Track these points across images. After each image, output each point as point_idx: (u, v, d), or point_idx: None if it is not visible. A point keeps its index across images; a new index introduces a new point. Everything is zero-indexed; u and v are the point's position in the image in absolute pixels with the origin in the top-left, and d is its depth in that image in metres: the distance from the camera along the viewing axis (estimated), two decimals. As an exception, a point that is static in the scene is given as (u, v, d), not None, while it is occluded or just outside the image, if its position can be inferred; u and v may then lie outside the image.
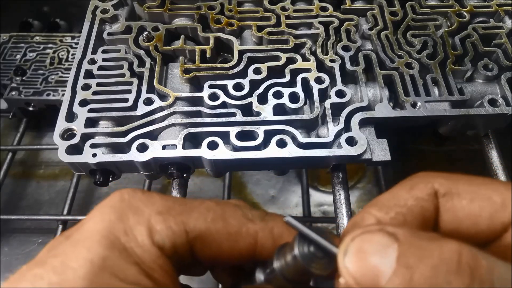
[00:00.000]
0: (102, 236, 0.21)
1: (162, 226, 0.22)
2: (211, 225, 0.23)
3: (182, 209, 0.23)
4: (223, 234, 0.23)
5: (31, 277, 0.19)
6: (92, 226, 0.21)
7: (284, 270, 0.21)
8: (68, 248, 0.20)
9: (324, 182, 0.65)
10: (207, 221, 0.23)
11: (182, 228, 0.22)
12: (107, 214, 0.22)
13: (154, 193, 0.24)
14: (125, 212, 0.22)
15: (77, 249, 0.20)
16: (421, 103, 0.36)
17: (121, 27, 0.42)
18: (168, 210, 0.23)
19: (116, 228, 0.21)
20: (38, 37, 0.66)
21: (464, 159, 0.63)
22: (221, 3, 0.44)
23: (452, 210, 0.21)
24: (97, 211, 0.22)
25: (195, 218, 0.23)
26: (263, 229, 0.24)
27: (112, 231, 0.21)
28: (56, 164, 0.67)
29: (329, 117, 0.35)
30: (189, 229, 0.23)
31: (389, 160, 0.34)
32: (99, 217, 0.22)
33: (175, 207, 0.23)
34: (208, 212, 0.23)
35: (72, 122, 0.36)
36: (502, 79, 0.38)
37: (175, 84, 0.39)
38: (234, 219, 0.24)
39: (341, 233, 0.24)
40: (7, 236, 0.59)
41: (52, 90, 0.59)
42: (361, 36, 0.42)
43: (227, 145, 0.34)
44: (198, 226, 0.23)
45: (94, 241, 0.20)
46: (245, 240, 0.23)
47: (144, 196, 0.23)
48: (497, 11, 0.43)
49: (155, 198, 0.23)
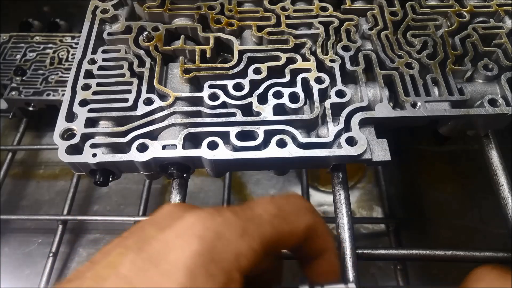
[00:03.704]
0: (188, 267, 0.21)
1: (246, 250, 0.23)
2: (279, 231, 0.24)
3: (255, 226, 0.24)
4: (287, 233, 0.25)
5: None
6: (179, 257, 0.21)
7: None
8: (156, 277, 0.21)
9: (324, 182, 0.65)
10: (275, 228, 0.24)
11: (260, 245, 0.23)
12: (195, 245, 0.22)
13: (227, 213, 0.24)
14: (212, 241, 0.22)
15: (165, 280, 0.21)
16: (421, 103, 0.36)
17: (121, 27, 0.42)
18: (246, 230, 0.23)
19: (204, 259, 0.21)
20: (38, 37, 0.66)
21: (464, 159, 0.63)
22: (221, 3, 0.44)
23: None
24: (181, 240, 0.22)
25: (268, 230, 0.24)
26: (314, 222, 0.26)
27: (200, 261, 0.21)
28: (56, 164, 0.67)
29: (329, 117, 0.35)
30: (265, 243, 0.23)
31: (389, 160, 0.34)
32: (186, 248, 0.22)
33: (249, 225, 0.23)
34: (274, 219, 0.24)
35: (72, 122, 0.36)
36: (502, 79, 0.38)
37: (175, 84, 0.39)
38: (292, 215, 0.25)
39: None
40: (7, 236, 0.59)
41: (52, 90, 0.59)
42: (361, 36, 0.42)
43: (227, 145, 0.34)
44: (271, 236, 0.24)
45: (180, 272, 0.21)
46: (302, 232, 0.25)
47: (222, 219, 0.23)
48: (497, 11, 0.43)
49: (231, 219, 0.23)
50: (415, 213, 0.62)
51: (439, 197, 0.62)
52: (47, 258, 0.53)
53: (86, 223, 0.61)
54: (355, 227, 0.59)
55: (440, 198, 0.62)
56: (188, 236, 0.22)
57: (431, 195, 0.62)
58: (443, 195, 0.62)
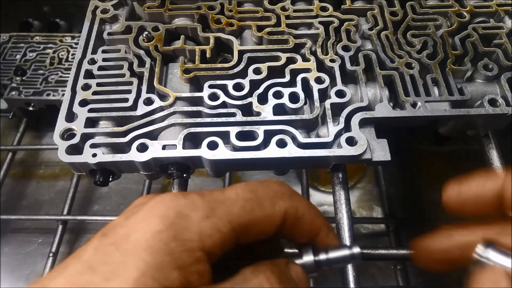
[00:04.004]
0: (150, 245, 0.21)
1: (212, 230, 0.22)
2: (251, 215, 0.24)
3: (225, 208, 0.24)
4: (261, 218, 0.24)
5: (84, 282, 0.20)
6: (140, 236, 0.22)
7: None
8: (117, 257, 0.21)
9: (324, 182, 0.65)
10: (248, 212, 0.24)
11: (229, 227, 0.23)
12: (156, 224, 0.22)
13: (193, 195, 0.24)
14: (173, 220, 0.22)
15: (126, 259, 0.21)
16: (421, 103, 0.36)
17: (121, 27, 0.42)
18: (213, 212, 0.23)
19: (165, 236, 0.22)
20: (38, 37, 0.66)
21: (464, 159, 0.63)
22: (221, 3, 0.44)
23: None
24: (144, 222, 0.22)
25: (238, 213, 0.24)
26: (291, 206, 0.25)
27: (161, 239, 0.21)
28: (56, 164, 0.67)
29: (329, 117, 0.35)
30: (235, 226, 0.23)
31: (389, 160, 0.34)
32: (148, 228, 0.22)
33: (218, 207, 0.23)
34: (246, 203, 0.24)
35: (72, 122, 0.36)
36: (502, 79, 0.38)
37: (175, 84, 0.39)
38: (268, 200, 0.25)
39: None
40: (7, 236, 0.59)
41: (52, 90, 0.59)
42: (361, 36, 0.42)
43: (227, 145, 0.34)
44: (242, 220, 0.24)
45: (142, 251, 0.21)
46: (278, 217, 0.25)
47: (188, 201, 0.23)
48: (497, 11, 0.43)
49: (198, 201, 0.24)
50: (415, 213, 0.62)
51: (439, 197, 0.62)
52: (47, 258, 0.53)
53: (86, 223, 0.61)
54: (355, 227, 0.59)
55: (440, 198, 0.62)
56: (150, 217, 0.23)
57: (431, 195, 0.62)
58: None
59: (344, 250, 0.26)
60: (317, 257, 0.26)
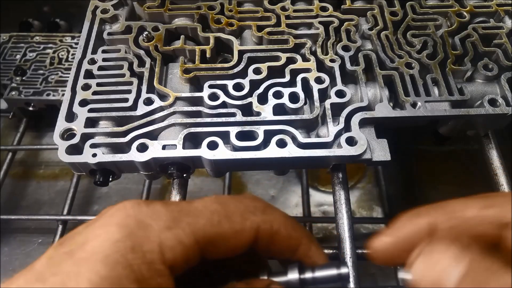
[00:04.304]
0: (106, 255, 0.20)
1: (173, 242, 0.21)
2: (218, 228, 0.23)
3: (189, 219, 0.22)
4: (229, 233, 0.23)
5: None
6: (96, 245, 0.20)
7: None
8: (70, 267, 0.20)
9: (324, 182, 0.65)
10: (214, 224, 0.23)
11: (192, 240, 0.22)
12: (113, 233, 0.21)
13: (157, 204, 0.23)
14: (132, 230, 0.21)
15: (79, 269, 0.19)
16: (421, 103, 0.36)
17: (121, 27, 0.42)
18: (176, 222, 0.22)
19: (122, 247, 0.20)
20: (38, 37, 0.66)
21: (464, 159, 0.63)
22: (221, 3, 0.44)
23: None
24: (101, 230, 0.21)
25: (203, 225, 0.22)
26: (264, 221, 0.24)
27: (118, 249, 0.20)
28: (56, 164, 0.67)
29: (329, 117, 0.35)
30: (199, 238, 0.22)
31: (389, 160, 0.34)
32: (105, 236, 0.21)
33: (182, 218, 0.22)
34: (213, 215, 0.23)
35: (72, 122, 0.36)
36: (502, 79, 0.38)
37: (175, 84, 0.39)
38: (238, 215, 0.24)
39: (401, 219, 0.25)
40: (7, 236, 0.59)
41: (52, 90, 0.59)
42: (361, 36, 0.42)
43: (227, 145, 0.34)
44: (207, 232, 0.22)
45: (97, 261, 0.20)
46: (249, 233, 0.24)
47: (150, 210, 0.22)
48: (497, 11, 0.43)
49: (161, 211, 0.22)
50: (415, 213, 0.62)
51: (439, 197, 0.62)
52: (47, 258, 0.53)
53: (86, 223, 0.61)
54: (355, 227, 0.59)
55: (440, 198, 0.62)
56: (108, 225, 0.21)
57: (431, 195, 0.62)
58: (443, 195, 0.62)
59: (332, 270, 0.25)
60: (302, 275, 0.25)
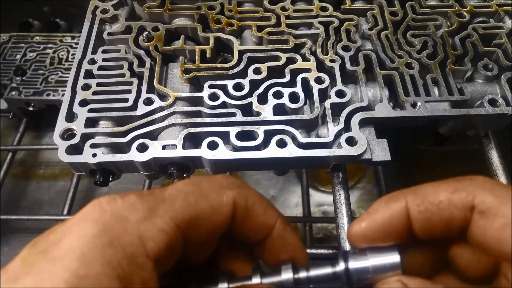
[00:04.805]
0: (82, 252, 0.19)
1: (153, 231, 0.21)
2: (196, 208, 0.22)
3: (165, 205, 0.22)
4: (207, 210, 0.23)
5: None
6: (71, 242, 0.19)
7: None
8: (44, 265, 0.19)
9: (324, 182, 0.65)
10: (191, 205, 0.22)
11: (172, 225, 0.21)
12: (89, 229, 0.20)
13: (132, 196, 0.22)
14: (108, 224, 0.20)
15: (54, 268, 0.19)
16: (421, 103, 0.36)
17: (121, 27, 0.42)
18: (153, 211, 0.21)
19: (99, 242, 0.19)
20: (38, 37, 0.66)
21: (464, 159, 0.63)
22: (221, 3, 0.44)
23: (483, 228, 0.22)
24: (76, 226, 0.20)
25: (181, 208, 0.22)
26: (239, 195, 0.24)
27: (96, 245, 0.19)
28: (56, 164, 0.67)
29: (329, 117, 0.35)
30: (179, 222, 0.22)
31: (389, 160, 0.34)
32: (79, 232, 0.20)
33: (158, 205, 0.22)
34: (188, 197, 0.23)
35: (72, 122, 0.36)
36: (502, 79, 0.38)
37: (175, 84, 0.39)
38: (213, 192, 0.23)
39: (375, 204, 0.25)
40: (7, 236, 0.59)
41: (52, 90, 0.59)
42: (361, 36, 0.42)
43: (227, 145, 0.34)
44: (186, 214, 0.22)
45: (72, 259, 0.19)
46: (227, 208, 0.23)
47: (125, 202, 0.21)
48: (497, 11, 0.43)
49: (136, 202, 0.22)
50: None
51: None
52: (47, 258, 0.53)
53: (86, 223, 0.61)
54: (355, 227, 0.59)
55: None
56: (83, 221, 0.20)
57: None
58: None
59: (327, 268, 0.25)
60: (296, 275, 0.24)
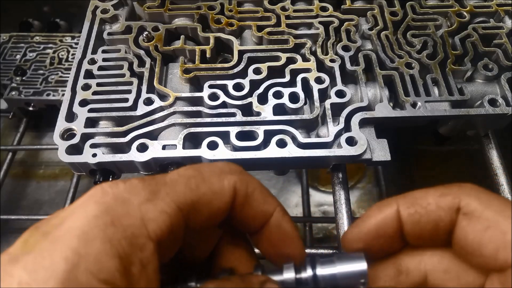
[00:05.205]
0: (83, 231, 0.19)
1: (155, 213, 0.21)
2: (197, 192, 0.22)
3: (167, 188, 0.22)
4: (209, 194, 0.23)
5: (3, 276, 0.18)
6: (73, 222, 0.19)
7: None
8: (44, 246, 0.19)
9: (324, 182, 0.65)
10: (193, 189, 0.22)
11: (174, 207, 0.21)
12: (91, 210, 0.20)
13: (134, 180, 0.22)
14: (110, 205, 0.20)
15: (54, 247, 0.19)
16: (421, 103, 0.36)
17: (121, 27, 0.42)
18: (155, 194, 0.22)
19: (101, 222, 0.19)
20: (38, 37, 0.66)
21: (464, 159, 0.63)
22: (221, 3, 0.44)
23: (465, 230, 0.22)
24: (78, 207, 0.20)
25: (183, 192, 0.22)
26: (240, 180, 0.24)
27: (97, 224, 0.19)
28: (56, 164, 0.67)
29: (329, 117, 0.35)
30: (181, 205, 0.22)
31: (389, 160, 0.34)
32: (82, 213, 0.20)
33: (159, 188, 0.22)
34: (190, 181, 0.23)
35: (72, 122, 0.36)
36: (502, 79, 0.38)
37: (175, 84, 0.39)
38: (214, 176, 0.23)
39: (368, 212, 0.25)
40: (7, 236, 0.58)
41: (52, 90, 0.59)
42: (361, 36, 0.42)
43: (227, 145, 0.34)
44: (187, 198, 0.22)
45: (73, 238, 0.19)
46: (228, 192, 0.23)
47: (127, 186, 0.22)
48: (497, 11, 0.43)
49: (138, 186, 0.22)
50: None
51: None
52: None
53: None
54: (355, 227, 0.59)
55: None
56: (85, 204, 0.20)
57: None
58: (443, 195, 0.62)
59: (330, 267, 0.23)
60: (298, 275, 0.24)
